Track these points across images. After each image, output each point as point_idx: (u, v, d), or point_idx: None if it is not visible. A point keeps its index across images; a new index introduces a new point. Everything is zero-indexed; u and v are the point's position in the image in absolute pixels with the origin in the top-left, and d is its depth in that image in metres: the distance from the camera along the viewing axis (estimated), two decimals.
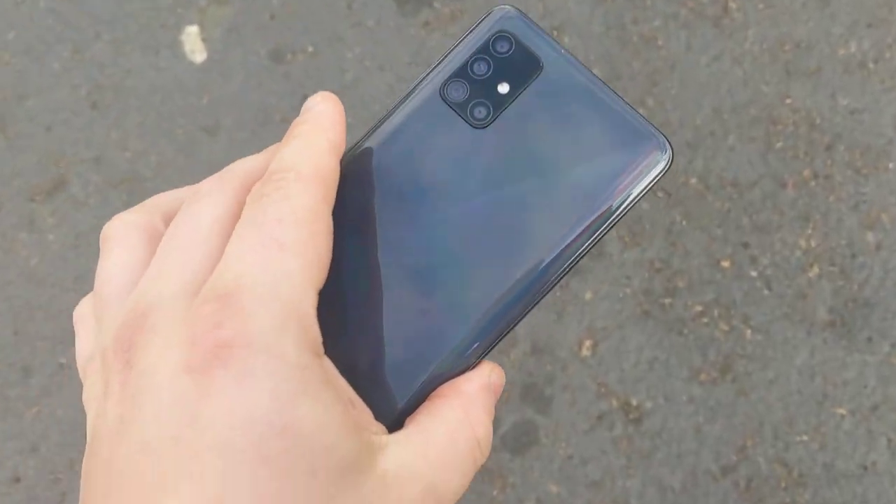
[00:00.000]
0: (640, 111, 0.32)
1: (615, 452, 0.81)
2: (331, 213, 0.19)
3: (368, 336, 0.20)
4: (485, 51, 0.22)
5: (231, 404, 0.16)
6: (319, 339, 0.17)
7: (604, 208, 0.21)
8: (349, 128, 0.21)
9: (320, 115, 0.20)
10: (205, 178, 0.21)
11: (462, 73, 0.22)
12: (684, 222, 0.85)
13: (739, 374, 0.81)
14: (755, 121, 0.87)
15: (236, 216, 0.19)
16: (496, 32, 0.22)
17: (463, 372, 0.20)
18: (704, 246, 0.84)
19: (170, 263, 0.18)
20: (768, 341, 0.81)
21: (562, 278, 0.21)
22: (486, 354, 0.20)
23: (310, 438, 0.16)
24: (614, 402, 0.81)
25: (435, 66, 0.22)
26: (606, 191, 0.21)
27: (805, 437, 0.79)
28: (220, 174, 0.20)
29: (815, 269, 0.82)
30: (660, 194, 0.86)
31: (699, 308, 0.83)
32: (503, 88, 0.21)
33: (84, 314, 0.21)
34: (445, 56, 0.22)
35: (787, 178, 0.85)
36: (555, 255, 0.21)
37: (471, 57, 0.22)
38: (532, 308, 0.21)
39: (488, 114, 0.21)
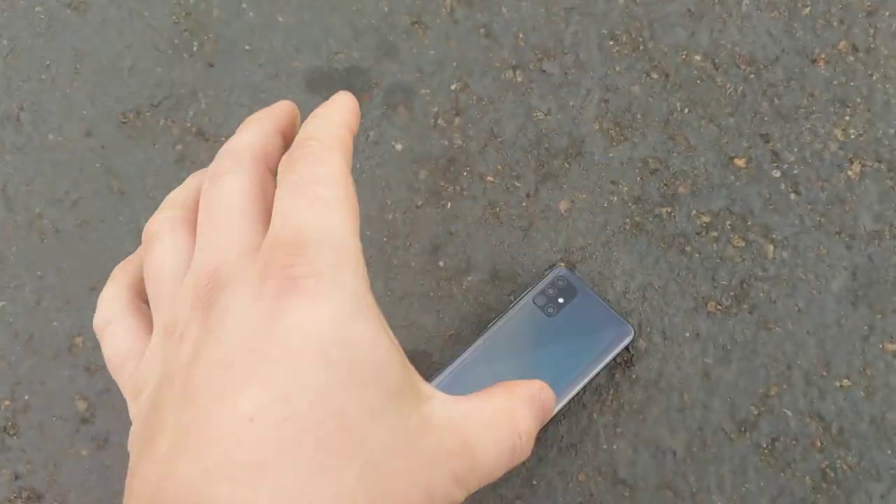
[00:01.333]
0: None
1: (597, 406, 0.62)
2: (349, 169, 0.22)
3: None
4: (553, 284, 0.57)
5: (300, 320, 0.18)
6: (367, 276, 0.20)
7: (589, 365, 0.56)
8: None
9: (336, 100, 0.24)
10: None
11: (543, 292, 0.57)
12: (687, 110, 0.65)
13: (760, 303, 0.62)
14: None
15: (259, 185, 0.22)
16: (557, 277, 0.58)
17: None
18: (713, 140, 0.65)
19: (221, 233, 0.21)
20: (796, 260, 0.62)
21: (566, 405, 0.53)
22: None
23: (363, 352, 0.19)
24: None
25: (527, 291, 0.58)
26: (598, 349, 0.56)
27: (846, 382, 0.60)
28: (228, 154, 0.23)
29: (856, 167, 0.63)
30: (654, 76, 0.67)
31: (707, 219, 0.63)
32: (560, 301, 0.56)
33: (110, 318, 0.24)
34: (534, 286, 0.58)
35: (818, 52, 0.66)
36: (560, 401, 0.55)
37: (547, 286, 0.58)
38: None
39: (555, 311, 0.55)
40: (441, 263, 0.65)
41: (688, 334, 0.62)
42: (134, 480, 0.19)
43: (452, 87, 0.68)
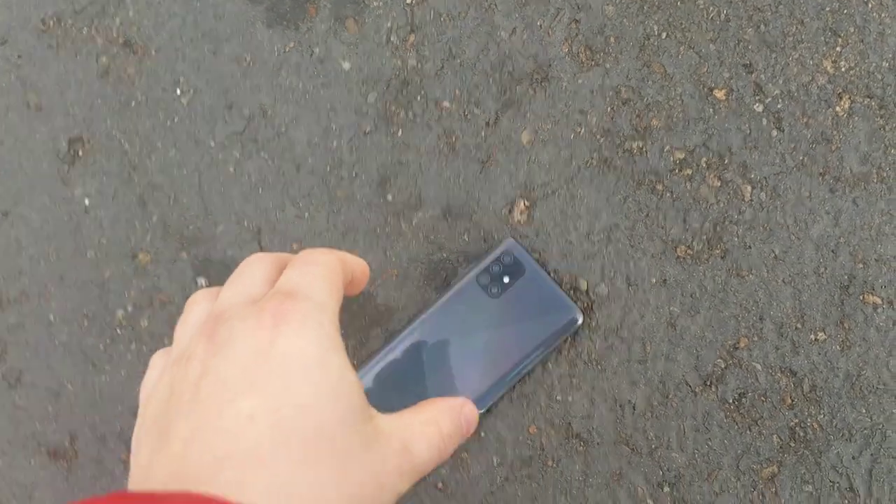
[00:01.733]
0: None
1: (552, 355, 0.57)
2: (341, 275, 0.29)
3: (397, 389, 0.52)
4: (499, 260, 0.55)
5: (291, 345, 0.25)
6: (339, 330, 0.27)
7: (540, 343, 0.54)
8: None
9: (351, 252, 0.32)
10: None
11: (487, 270, 0.55)
12: (664, 35, 0.59)
13: (733, 248, 0.57)
14: None
15: (275, 272, 0.29)
16: (504, 252, 0.55)
17: None
18: (692, 68, 0.59)
19: (235, 290, 0.28)
20: (775, 202, 0.57)
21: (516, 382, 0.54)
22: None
23: (336, 375, 0.25)
24: None
25: (472, 267, 0.55)
26: (542, 335, 0.54)
27: (822, 336, 0.56)
28: (258, 255, 0.30)
29: (846, 103, 0.58)
30: None
31: (681, 155, 0.58)
32: (506, 280, 0.54)
33: (157, 358, 0.30)
34: (479, 262, 0.55)
35: None
36: (503, 372, 0.54)
37: (492, 262, 0.55)
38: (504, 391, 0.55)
39: (499, 291, 0.54)
40: (389, 197, 0.60)
41: (654, 280, 0.57)
42: (150, 470, 0.23)
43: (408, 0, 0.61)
